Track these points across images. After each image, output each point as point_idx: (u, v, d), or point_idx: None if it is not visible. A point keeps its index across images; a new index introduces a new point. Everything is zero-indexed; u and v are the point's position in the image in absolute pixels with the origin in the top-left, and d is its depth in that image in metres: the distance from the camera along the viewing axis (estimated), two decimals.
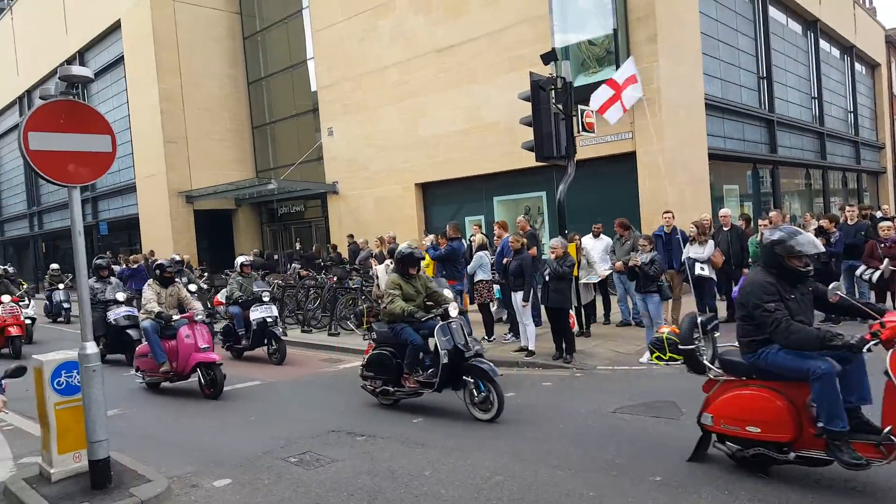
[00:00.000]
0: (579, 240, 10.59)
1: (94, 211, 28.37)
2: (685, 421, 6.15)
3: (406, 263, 7.30)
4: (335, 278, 15.00)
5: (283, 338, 10.70)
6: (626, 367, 8.58)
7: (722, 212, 11.02)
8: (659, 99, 14.02)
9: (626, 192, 14.68)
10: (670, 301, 9.87)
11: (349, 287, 14.42)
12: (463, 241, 11.69)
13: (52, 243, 34.51)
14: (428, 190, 19.28)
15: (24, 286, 16.75)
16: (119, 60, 25.03)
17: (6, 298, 12.91)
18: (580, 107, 9.07)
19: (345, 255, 18.20)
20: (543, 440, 5.86)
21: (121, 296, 11.62)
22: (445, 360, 6.63)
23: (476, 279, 10.56)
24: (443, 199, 19.15)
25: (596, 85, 13.88)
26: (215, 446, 6.36)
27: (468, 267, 10.75)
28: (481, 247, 10.70)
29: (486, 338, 10.45)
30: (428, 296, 7.40)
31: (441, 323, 6.79)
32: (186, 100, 23.26)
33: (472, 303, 11.21)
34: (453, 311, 6.87)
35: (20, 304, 13.57)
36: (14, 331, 12.34)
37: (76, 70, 4.79)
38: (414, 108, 18.61)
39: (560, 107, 8.81)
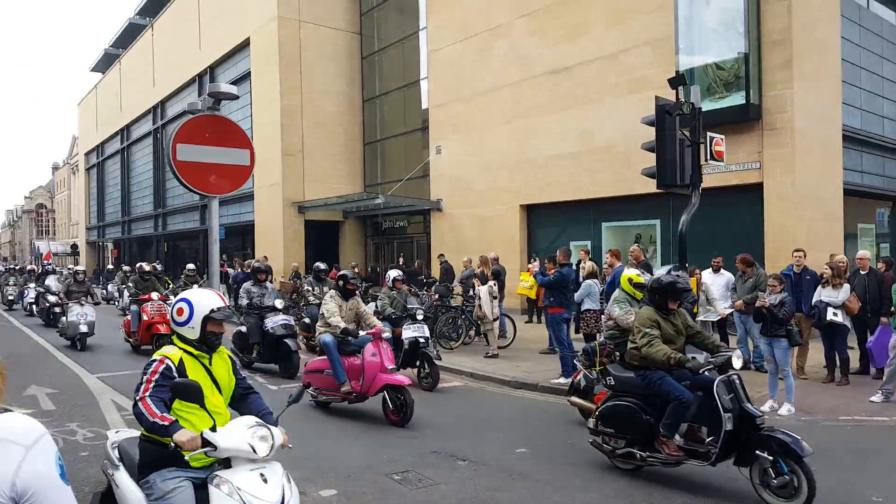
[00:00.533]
0: (700, 274, 10.07)
1: None
2: (817, 480, 5.64)
3: (667, 294, 5.77)
4: (437, 296, 15.05)
5: (437, 361, 9.56)
6: None
7: (860, 254, 10.14)
8: (791, 128, 13.21)
9: (750, 226, 13.87)
10: (797, 347, 9.18)
11: (450, 305, 14.43)
12: (573, 267, 11.38)
13: (172, 243, 36.85)
14: (532, 212, 19.08)
15: (171, 285, 17.55)
16: (246, 76, 26.49)
17: (155, 296, 13.13)
18: (709, 133, 8.64)
19: (435, 274, 18.27)
20: (644, 483, 5.53)
21: (279, 303, 11.24)
22: (729, 427, 5.14)
23: (583, 308, 10.23)
24: (547, 221, 18.88)
25: (724, 111, 13.40)
26: (324, 455, 6.42)
27: (576, 294, 10.45)
28: (591, 274, 10.38)
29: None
30: (689, 336, 5.90)
31: (721, 376, 5.32)
32: (305, 115, 24.30)
33: (577, 332, 10.88)
34: (737, 361, 5.42)
35: (166, 302, 13.17)
36: (162, 329, 11.83)
37: (224, 87, 5.02)
38: (524, 128, 18.51)
39: (686, 133, 8.42)
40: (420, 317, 9.88)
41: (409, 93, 24.66)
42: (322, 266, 14.02)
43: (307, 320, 12.77)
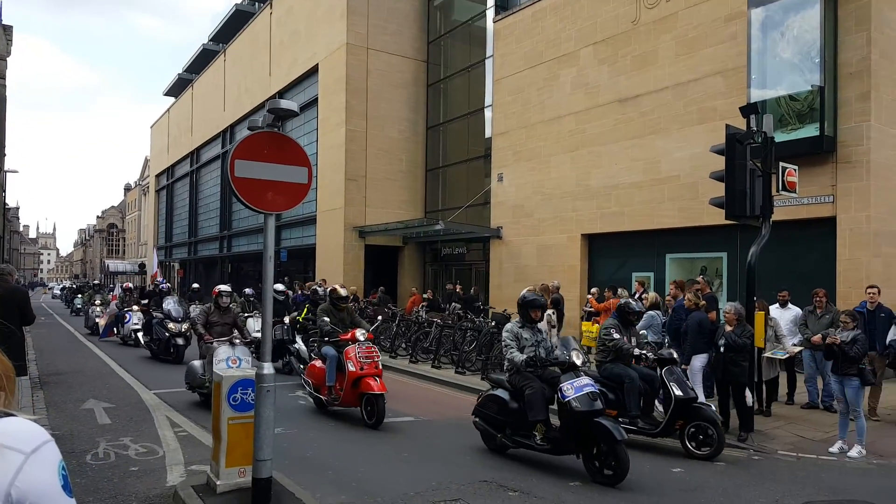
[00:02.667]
0: (768, 308, 9.61)
1: (278, 239, 30.71)
2: None
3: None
4: (493, 322, 14.88)
5: None
6: (812, 456, 7.55)
7: None
8: (867, 161, 12.63)
9: (821, 261, 13.26)
10: (869, 387, 8.63)
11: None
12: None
13: (237, 265, 37.80)
14: (594, 241, 18.74)
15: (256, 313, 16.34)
16: (313, 102, 27.17)
17: (360, 334, 9.12)
18: (781, 164, 8.28)
19: (493, 302, 18.10)
20: None
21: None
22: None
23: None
24: (609, 251, 18.50)
25: (797, 142, 12.92)
26: (370, 479, 6.33)
27: (637, 326, 10.12)
28: (653, 306, 10.04)
29: None
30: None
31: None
32: (369, 141, 24.70)
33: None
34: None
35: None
36: (375, 386, 8.57)
37: (284, 104, 5.06)
38: (588, 157, 18.29)
39: (758, 163, 8.09)
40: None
41: (472, 120, 24.78)
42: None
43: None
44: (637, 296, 13.17)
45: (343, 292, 10.08)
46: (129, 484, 6.00)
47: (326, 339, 9.41)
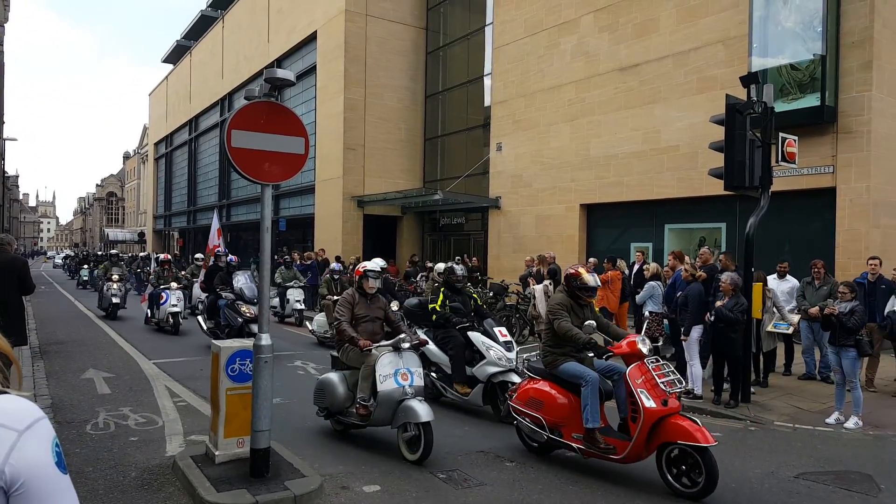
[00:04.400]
0: (765, 279, 9.61)
1: (276, 208, 30.63)
2: (885, 500, 5.29)
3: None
4: (492, 293, 14.93)
5: None
6: (809, 427, 7.60)
7: None
8: (868, 132, 12.54)
9: (821, 232, 13.26)
10: (866, 358, 8.69)
11: (505, 304, 14.28)
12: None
13: (236, 234, 37.75)
14: (592, 211, 18.69)
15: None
16: (312, 70, 26.88)
17: None
18: (781, 134, 8.22)
19: (491, 273, 17.99)
20: (712, 501, 5.27)
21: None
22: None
23: (646, 310, 9.94)
24: (607, 222, 18.47)
25: (797, 112, 12.81)
26: (367, 449, 6.40)
27: (637, 297, 10.16)
28: (655, 276, 10.06)
29: None
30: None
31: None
32: (368, 110, 24.49)
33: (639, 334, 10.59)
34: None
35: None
36: None
37: (280, 73, 5.00)
38: (587, 127, 18.15)
39: (758, 133, 8.03)
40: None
41: (471, 89, 24.54)
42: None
43: None
44: (638, 266, 13.20)
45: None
46: (128, 454, 6.06)
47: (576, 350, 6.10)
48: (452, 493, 5.29)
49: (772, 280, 10.19)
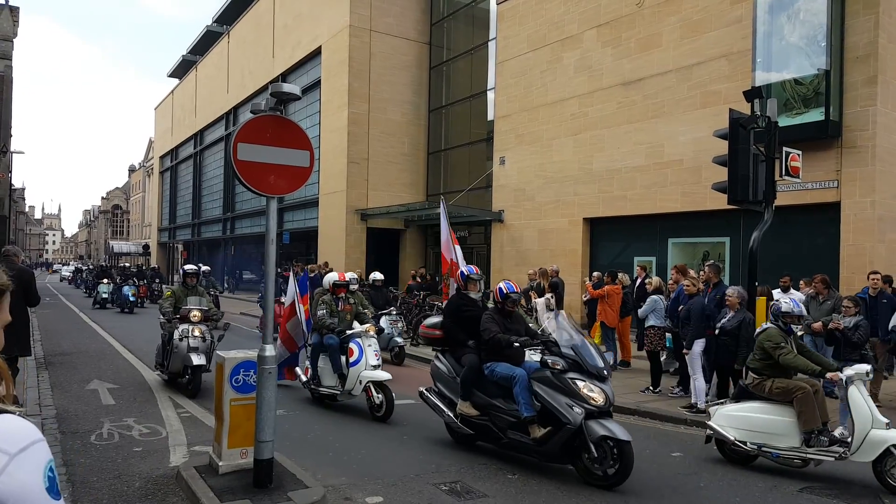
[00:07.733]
0: (770, 294, 9.61)
1: (280, 221, 30.74)
2: None
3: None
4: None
5: None
6: None
7: None
8: (873, 147, 12.58)
9: (825, 247, 13.25)
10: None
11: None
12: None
13: (240, 247, 37.88)
14: (596, 225, 18.72)
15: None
16: (316, 84, 27.06)
17: None
18: (785, 149, 8.25)
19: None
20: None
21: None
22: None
23: (647, 324, 9.94)
24: (610, 236, 18.49)
25: (801, 127, 12.84)
26: (370, 460, 6.39)
27: (640, 311, 10.16)
28: (657, 290, 10.06)
29: (652, 388, 9.76)
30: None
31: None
32: (371, 124, 24.64)
33: (640, 349, 10.57)
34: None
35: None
36: None
37: (286, 87, 5.05)
38: (590, 141, 18.22)
39: (761, 148, 8.06)
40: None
41: (475, 103, 24.68)
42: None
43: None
44: (639, 281, 13.17)
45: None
46: (132, 464, 6.06)
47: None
48: None
49: (777, 294, 10.17)
